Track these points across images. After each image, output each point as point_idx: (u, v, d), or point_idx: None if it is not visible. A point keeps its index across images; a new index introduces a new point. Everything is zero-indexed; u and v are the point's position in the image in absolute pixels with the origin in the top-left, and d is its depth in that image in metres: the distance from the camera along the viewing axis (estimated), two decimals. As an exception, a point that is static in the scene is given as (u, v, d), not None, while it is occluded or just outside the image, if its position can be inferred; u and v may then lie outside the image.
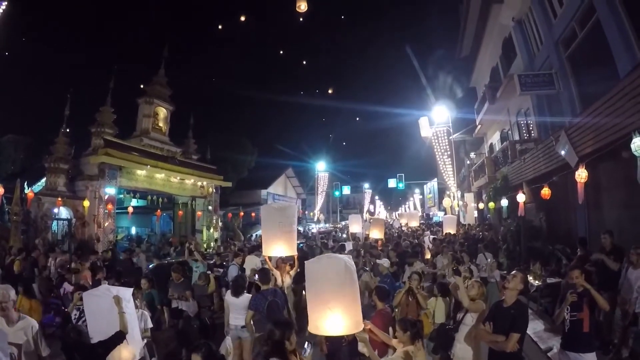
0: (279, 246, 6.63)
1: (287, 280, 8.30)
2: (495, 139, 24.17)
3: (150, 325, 6.25)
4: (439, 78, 30.48)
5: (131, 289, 5.64)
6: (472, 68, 25.61)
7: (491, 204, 18.90)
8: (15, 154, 25.82)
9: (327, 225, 43.49)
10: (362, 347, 4.69)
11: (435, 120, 26.38)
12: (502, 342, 4.44)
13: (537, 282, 9.55)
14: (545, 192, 11.62)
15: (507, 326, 4.47)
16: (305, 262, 4.12)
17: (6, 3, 9.85)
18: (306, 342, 4.03)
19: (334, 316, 3.67)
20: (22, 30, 31.77)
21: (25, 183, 17.39)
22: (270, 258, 7.41)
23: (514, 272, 5.06)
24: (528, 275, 9.74)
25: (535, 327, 8.24)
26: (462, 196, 27.55)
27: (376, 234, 14.57)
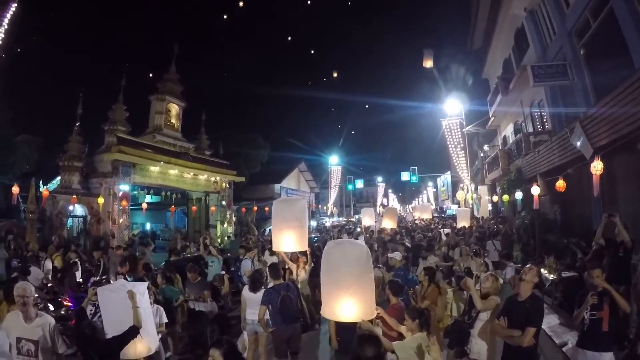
0: (289, 241, 6.57)
1: (302, 275, 8.30)
2: (508, 131, 23.93)
3: (165, 320, 6.29)
4: (451, 70, 30.19)
5: (146, 283, 5.71)
6: (484, 59, 25.37)
7: (505, 197, 18.74)
8: (29, 153, 26.09)
9: (340, 219, 43.48)
10: None
11: (448, 112, 26.14)
12: (518, 336, 4.41)
13: (551, 275, 9.45)
14: (560, 184, 11.47)
15: (523, 320, 4.43)
16: (328, 243, 4.13)
17: (15, 5, 9.88)
18: None
19: (351, 302, 3.70)
20: (33, 30, 32.06)
21: (40, 182, 17.62)
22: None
23: (529, 265, 5.00)
24: (543, 269, 9.66)
25: (549, 321, 8.15)
26: (476, 189, 27.33)
27: (389, 223, 14.53)
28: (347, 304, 3.72)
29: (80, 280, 10.15)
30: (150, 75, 27.62)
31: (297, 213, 6.55)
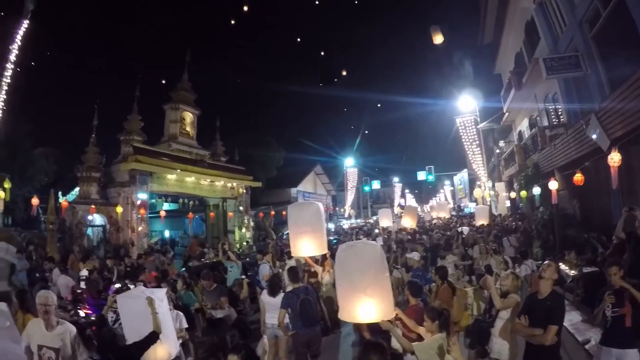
0: (307, 246, 6.52)
1: (327, 278, 8.28)
2: (524, 126, 23.68)
3: (185, 325, 6.32)
4: (462, 67, 29.93)
5: (165, 289, 5.77)
6: (495, 54, 25.18)
7: (523, 193, 18.55)
8: (47, 165, 26.57)
9: (358, 220, 43.33)
10: (394, 343, 4.67)
11: (462, 109, 25.94)
12: (540, 335, 4.33)
13: (572, 271, 9.28)
14: (578, 178, 11.31)
15: (544, 319, 4.36)
16: (340, 246, 4.11)
17: (27, 21, 10.06)
18: None
19: (369, 303, 3.66)
20: (46, 44, 32.66)
21: (59, 193, 17.91)
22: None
23: (547, 261, 4.91)
24: (564, 265, 9.50)
25: (571, 318, 8.01)
26: (493, 186, 27.04)
27: (408, 222, 14.45)
28: (365, 305, 3.68)
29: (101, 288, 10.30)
30: (164, 83, 27.97)
31: (312, 216, 6.44)
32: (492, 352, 5.28)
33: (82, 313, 7.81)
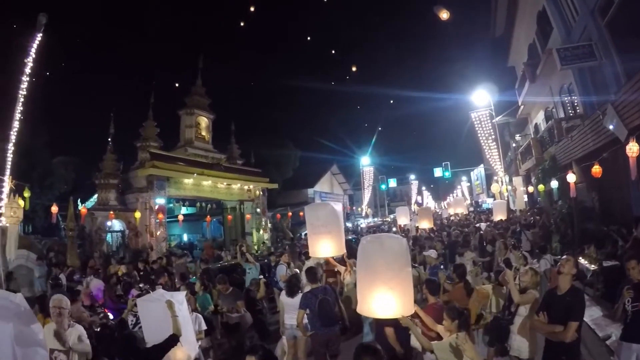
0: (324, 246, 6.52)
1: (348, 278, 8.24)
2: (539, 118, 23.34)
3: (204, 327, 6.38)
4: (475, 60, 29.69)
5: (184, 292, 5.82)
6: (508, 47, 24.92)
7: (541, 187, 18.31)
8: (66, 174, 27.12)
9: (375, 219, 43.23)
10: (413, 341, 4.61)
11: (477, 104, 25.68)
12: (560, 332, 4.26)
13: (592, 266, 9.10)
14: (596, 170, 11.07)
15: (563, 315, 4.28)
16: (365, 237, 4.06)
17: (40, 34, 10.20)
18: None
19: (390, 297, 3.64)
20: (61, 55, 33.22)
21: (78, 200, 18.22)
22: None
23: (565, 256, 4.80)
24: (583, 259, 9.31)
25: (592, 313, 7.85)
26: (511, 180, 26.74)
27: (425, 224, 14.39)
28: (386, 299, 3.66)
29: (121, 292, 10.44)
30: (178, 89, 28.24)
31: (329, 217, 6.47)
32: (511, 350, 5.23)
33: (111, 316, 7.86)
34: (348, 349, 6.90)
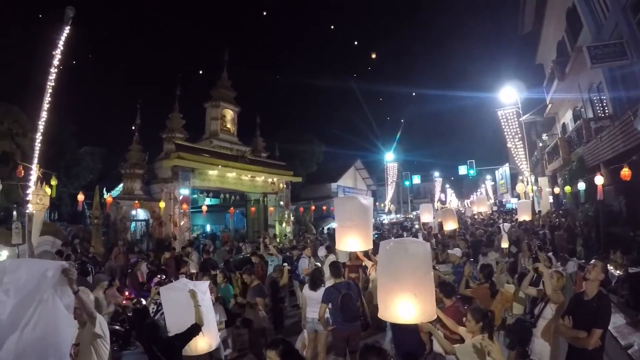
0: (351, 240, 6.47)
1: (374, 274, 8.23)
2: (567, 118, 22.85)
3: (225, 317, 6.47)
4: (503, 57, 29.25)
5: (207, 282, 5.89)
6: (536, 44, 24.44)
7: (567, 188, 17.95)
8: (92, 163, 27.77)
9: (398, 215, 43.04)
10: (436, 346, 4.59)
11: (503, 101, 25.24)
12: (584, 338, 4.18)
13: (618, 272, 8.91)
14: (625, 172, 10.84)
15: (589, 321, 4.20)
16: (386, 242, 4.05)
17: (68, 27, 10.41)
18: None
19: (413, 303, 3.60)
20: (88, 48, 33.90)
21: (104, 189, 18.64)
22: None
23: (593, 261, 4.70)
24: (608, 265, 9.10)
25: (615, 321, 7.64)
26: (536, 181, 26.25)
27: (451, 225, 14.28)
28: (409, 305, 3.62)
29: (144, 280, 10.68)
30: (203, 80, 28.58)
31: (356, 211, 6.41)
32: (532, 354, 5.15)
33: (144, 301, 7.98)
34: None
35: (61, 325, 3.27)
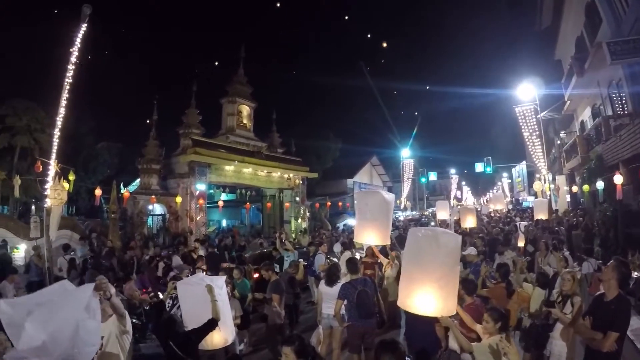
0: (370, 234, 6.52)
1: (389, 271, 8.23)
2: (586, 115, 22.52)
3: (240, 312, 6.52)
4: (520, 53, 28.87)
5: (224, 277, 5.91)
6: (555, 39, 24.16)
7: (585, 187, 17.72)
8: (110, 159, 28.16)
9: (414, 212, 42.90)
10: (452, 342, 4.57)
11: (521, 98, 24.94)
12: (599, 340, 4.12)
13: (635, 273, 8.77)
14: (645, 172, 10.64)
15: (606, 323, 4.12)
16: (412, 229, 4.02)
17: (85, 25, 10.55)
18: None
19: (436, 296, 3.58)
20: (105, 45, 34.24)
21: (121, 184, 18.90)
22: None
23: (611, 262, 4.62)
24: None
25: (632, 323, 7.44)
26: (554, 179, 25.90)
27: (470, 222, 14.20)
28: (431, 297, 3.60)
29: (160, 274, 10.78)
30: (220, 78, 28.72)
31: (377, 205, 6.44)
32: (551, 356, 5.10)
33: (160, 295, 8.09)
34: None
35: (91, 338, 3.31)
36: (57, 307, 3.08)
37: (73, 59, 10.70)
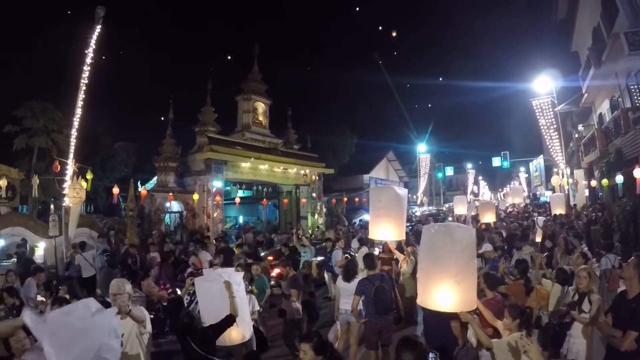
0: (384, 230, 6.52)
1: (405, 267, 8.21)
2: (604, 108, 22.13)
3: (257, 308, 6.59)
4: (537, 45, 28.49)
5: (242, 273, 5.93)
6: (571, 31, 23.78)
7: (604, 181, 17.48)
8: (127, 157, 28.53)
9: (430, 207, 42.75)
10: (471, 336, 4.54)
11: (538, 91, 24.61)
12: (619, 338, 4.07)
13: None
14: (666, 165, 10.45)
15: (626, 321, 4.07)
16: (426, 226, 4.02)
17: (99, 26, 10.71)
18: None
19: (455, 291, 3.57)
20: (120, 45, 34.58)
21: (139, 182, 19.15)
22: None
23: (632, 259, 4.55)
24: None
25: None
26: (572, 173, 25.51)
27: (489, 217, 14.13)
28: (450, 293, 3.59)
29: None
30: (235, 75, 28.89)
31: (390, 201, 6.45)
32: (569, 353, 5.05)
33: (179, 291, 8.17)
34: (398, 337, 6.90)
35: (112, 356, 3.35)
36: (79, 333, 3.08)
37: (88, 60, 10.91)
